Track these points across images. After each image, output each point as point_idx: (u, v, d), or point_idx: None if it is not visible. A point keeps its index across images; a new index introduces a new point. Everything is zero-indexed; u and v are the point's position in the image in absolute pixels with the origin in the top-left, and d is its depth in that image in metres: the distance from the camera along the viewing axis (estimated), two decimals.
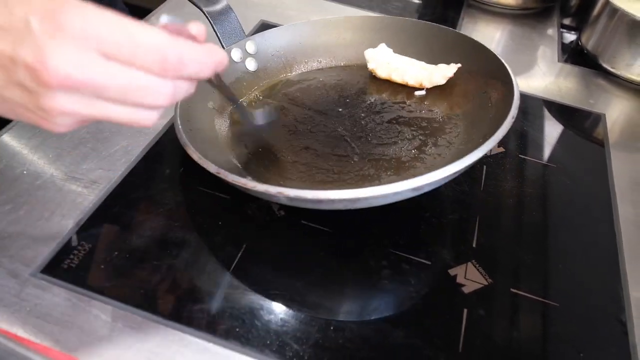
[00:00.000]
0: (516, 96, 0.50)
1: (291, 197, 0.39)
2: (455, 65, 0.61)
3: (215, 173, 0.42)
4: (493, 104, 0.55)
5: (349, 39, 0.66)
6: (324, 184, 0.49)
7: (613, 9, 0.74)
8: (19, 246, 0.44)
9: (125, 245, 0.45)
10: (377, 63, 0.62)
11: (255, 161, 0.53)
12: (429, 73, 0.60)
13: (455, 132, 0.56)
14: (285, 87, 0.63)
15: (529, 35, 0.86)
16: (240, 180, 0.41)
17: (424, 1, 0.93)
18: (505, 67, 0.55)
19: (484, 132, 0.51)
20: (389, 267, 0.46)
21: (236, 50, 0.60)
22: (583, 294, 0.47)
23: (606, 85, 0.76)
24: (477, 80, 0.59)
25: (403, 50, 0.64)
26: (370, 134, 0.56)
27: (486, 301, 0.45)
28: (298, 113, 0.59)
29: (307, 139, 0.55)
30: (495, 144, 0.44)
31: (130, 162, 0.53)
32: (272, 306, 0.42)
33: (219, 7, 0.58)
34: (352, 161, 0.52)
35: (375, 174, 0.51)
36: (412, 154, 0.53)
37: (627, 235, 0.53)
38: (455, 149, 0.53)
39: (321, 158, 0.53)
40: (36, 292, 0.41)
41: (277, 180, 0.50)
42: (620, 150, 0.64)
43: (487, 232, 0.51)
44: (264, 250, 0.47)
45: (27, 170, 0.50)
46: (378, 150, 0.54)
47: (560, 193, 0.57)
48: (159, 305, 0.41)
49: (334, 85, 0.63)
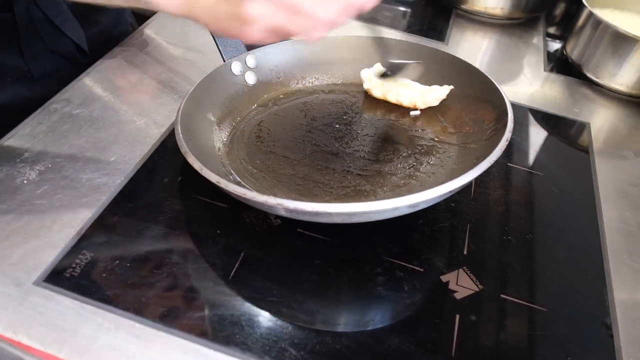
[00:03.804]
0: (510, 119, 0.52)
1: (290, 208, 0.41)
2: (447, 87, 0.62)
3: (215, 183, 0.43)
4: (486, 126, 0.56)
5: (346, 57, 0.68)
6: (321, 198, 0.51)
7: (597, 20, 0.77)
8: (22, 255, 0.45)
9: (126, 254, 0.46)
10: (372, 83, 0.64)
11: (253, 173, 0.54)
12: (422, 94, 0.62)
13: (448, 152, 0.58)
14: (282, 102, 0.65)
15: (516, 44, 0.89)
16: (240, 191, 0.42)
17: (413, 11, 0.95)
18: (500, 91, 0.57)
19: (477, 153, 0.53)
20: (384, 275, 0.48)
21: (236, 63, 0.61)
22: (570, 299, 0.49)
23: (591, 95, 0.79)
24: (470, 103, 0.61)
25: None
26: (367, 151, 0.57)
27: (477, 307, 0.47)
28: (295, 128, 0.61)
29: (305, 154, 0.57)
30: (489, 165, 0.46)
31: (129, 171, 0.53)
32: (271, 313, 0.44)
33: None
34: (349, 177, 0.54)
35: (371, 190, 0.52)
36: (407, 171, 0.55)
37: (612, 241, 0.55)
38: (449, 169, 0.55)
39: (318, 172, 0.54)
40: (40, 300, 0.42)
41: (275, 193, 0.51)
42: (604, 158, 0.67)
43: (477, 240, 0.53)
44: (262, 258, 0.48)
45: (27, 180, 0.51)
46: (374, 167, 0.55)
47: (547, 200, 0.59)
48: (160, 313, 0.42)
49: (331, 102, 0.65)
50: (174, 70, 0.68)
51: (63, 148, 0.55)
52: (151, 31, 0.75)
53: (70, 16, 0.68)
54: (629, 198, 0.61)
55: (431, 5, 0.97)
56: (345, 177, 0.54)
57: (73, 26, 0.68)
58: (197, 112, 0.55)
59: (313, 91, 0.67)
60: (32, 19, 0.65)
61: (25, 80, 0.68)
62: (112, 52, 0.69)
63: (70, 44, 0.69)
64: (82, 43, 0.70)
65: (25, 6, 0.64)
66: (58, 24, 0.66)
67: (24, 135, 0.55)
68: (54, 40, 0.68)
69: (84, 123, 0.58)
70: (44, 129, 0.56)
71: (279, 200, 0.41)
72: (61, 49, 0.69)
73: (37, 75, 0.68)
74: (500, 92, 0.57)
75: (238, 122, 0.60)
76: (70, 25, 0.68)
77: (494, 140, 0.50)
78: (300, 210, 0.41)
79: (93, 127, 0.57)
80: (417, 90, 0.63)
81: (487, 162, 0.45)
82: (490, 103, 0.57)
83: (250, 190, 0.42)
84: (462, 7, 0.93)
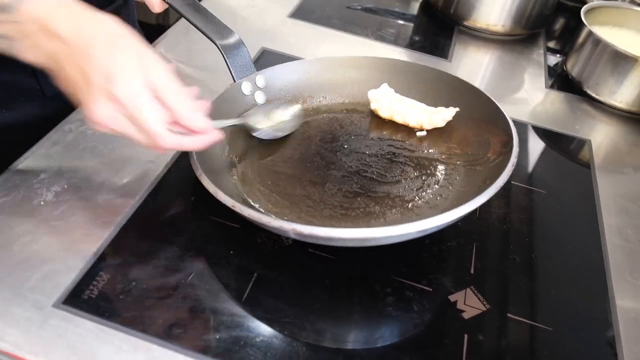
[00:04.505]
0: (515, 144, 0.53)
1: (305, 234, 0.42)
2: (453, 109, 0.63)
3: (231, 207, 0.45)
4: (492, 149, 0.58)
5: (354, 77, 0.69)
6: (331, 220, 0.52)
7: (596, 39, 0.79)
8: (41, 277, 0.46)
9: (143, 275, 0.47)
10: (379, 104, 0.65)
11: (265, 194, 0.55)
12: (428, 115, 0.63)
13: (455, 174, 0.59)
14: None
15: (517, 60, 0.90)
16: (255, 215, 0.44)
17: (416, 27, 0.96)
18: (505, 115, 0.58)
19: (483, 176, 0.54)
20: (393, 294, 0.49)
21: (247, 83, 0.63)
22: (574, 317, 0.50)
23: (591, 111, 0.81)
24: (476, 125, 0.62)
25: (405, 91, 0.67)
26: (375, 172, 0.58)
27: (485, 326, 0.48)
28: (305, 148, 0.62)
29: (314, 174, 0.58)
30: (496, 190, 0.47)
31: (143, 192, 0.55)
32: (284, 334, 0.45)
33: (232, 40, 0.60)
34: (359, 198, 0.55)
35: (380, 212, 0.53)
36: (415, 193, 0.56)
37: (614, 259, 0.57)
38: (456, 191, 0.56)
39: (328, 194, 0.55)
40: (60, 323, 0.43)
41: (286, 214, 0.52)
42: (605, 175, 0.68)
43: (483, 259, 0.54)
44: (274, 278, 0.49)
45: (44, 201, 0.52)
46: (383, 188, 0.56)
47: (550, 218, 0.61)
48: (177, 335, 0.44)
49: (339, 122, 0.66)
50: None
51: (78, 168, 0.56)
52: (160, 50, 0.77)
53: None
54: (629, 215, 0.63)
55: (434, 22, 0.98)
56: (355, 199, 0.55)
57: None
58: None
59: (321, 110, 0.68)
60: None
61: (38, 99, 0.69)
62: None
63: None
64: None
65: None
66: None
67: (39, 155, 0.57)
68: None
69: (98, 143, 0.59)
70: (59, 150, 0.57)
71: (293, 225, 0.42)
72: None
73: (50, 94, 0.69)
74: (506, 116, 0.58)
75: (248, 143, 0.61)
76: None
77: (500, 164, 0.52)
78: (314, 235, 0.42)
79: (107, 148, 0.58)
80: (424, 111, 0.64)
81: (494, 187, 0.47)
82: (496, 126, 0.59)
83: (265, 215, 0.43)
84: (465, 24, 0.95)
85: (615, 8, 0.88)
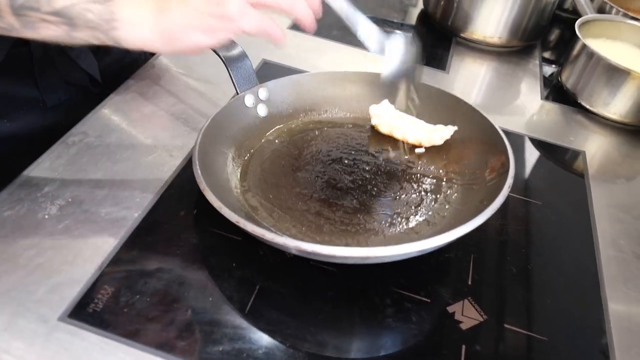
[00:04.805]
0: (512, 166, 0.54)
1: (308, 251, 0.43)
2: (452, 127, 0.65)
3: (235, 222, 0.46)
4: (488, 169, 0.59)
5: (355, 92, 0.70)
6: (331, 236, 0.53)
7: (590, 52, 0.80)
8: (46, 291, 0.47)
9: (146, 289, 0.48)
10: (380, 119, 0.66)
11: (267, 208, 0.56)
12: (427, 133, 0.65)
13: (453, 192, 0.60)
14: (293, 135, 0.67)
15: (513, 72, 0.92)
16: (259, 231, 0.45)
17: (413, 38, 0.98)
18: (502, 137, 0.59)
19: (480, 196, 0.55)
20: (393, 306, 0.50)
21: (249, 96, 0.64)
22: (568, 327, 0.51)
23: (585, 122, 0.82)
24: (474, 144, 0.63)
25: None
26: (375, 189, 0.60)
27: (482, 337, 0.49)
28: (306, 161, 0.63)
29: (315, 188, 0.59)
30: (493, 212, 0.48)
31: (146, 205, 0.55)
32: (287, 345, 0.46)
33: (235, 52, 0.61)
34: (358, 214, 0.56)
35: (380, 229, 0.55)
36: (413, 210, 0.57)
37: (608, 269, 0.58)
38: (454, 209, 0.57)
39: (328, 209, 0.56)
40: (65, 336, 0.44)
41: (288, 229, 0.53)
42: (599, 186, 0.69)
43: (481, 270, 0.55)
44: (277, 290, 0.50)
45: (48, 214, 0.53)
46: (382, 204, 0.57)
47: (545, 229, 0.62)
48: (181, 347, 0.44)
49: (340, 136, 0.67)
50: (185, 102, 0.70)
51: (82, 182, 0.57)
52: (163, 62, 0.78)
53: (85, 48, 0.70)
54: (623, 225, 0.64)
55: (432, 33, 1.00)
56: (354, 215, 0.56)
57: (87, 58, 0.70)
58: (213, 145, 0.57)
59: (322, 124, 0.69)
60: (47, 52, 0.67)
61: (39, 109, 0.70)
62: (126, 84, 0.71)
63: (84, 74, 0.71)
64: (95, 74, 0.72)
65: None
66: (73, 57, 0.69)
67: (43, 169, 0.57)
68: (68, 71, 0.70)
69: (102, 156, 0.60)
70: (63, 163, 0.58)
71: (296, 242, 0.43)
72: (75, 80, 0.71)
73: (51, 104, 0.70)
74: (503, 138, 0.59)
75: (250, 154, 0.62)
76: (84, 57, 0.70)
77: (497, 185, 0.53)
78: (317, 253, 0.43)
79: (110, 160, 0.59)
80: (423, 129, 0.65)
81: (491, 209, 0.48)
82: (493, 147, 0.60)
83: (269, 232, 0.44)
84: (462, 36, 0.96)
85: (609, 21, 0.90)
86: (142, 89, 0.71)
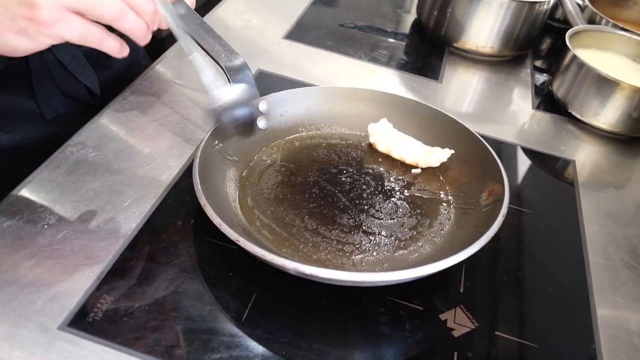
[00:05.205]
0: (506, 195, 0.55)
1: (306, 273, 0.45)
2: (449, 151, 0.65)
3: (235, 241, 0.47)
4: (483, 195, 0.59)
5: (354, 108, 0.71)
6: (327, 254, 0.54)
7: (580, 62, 0.82)
8: (46, 300, 0.47)
9: (145, 298, 0.49)
10: (378, 138, 0.67)
11: (265, 224, 0.57)
12: (424, 154, 0.65)
13: (447, 215, 0.60)
14: (291, 149, 0.67)
15: (505, 81, 0.93)
16: (259, 252, 0.46)
17: (408, 48, 0.99)
18: (498, 164, 0.59)
19: (474, 222, 0.56)
20: (386, 314, 0.51)
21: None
22: (557, 335, 0.53)
23: (576, 132, 0.84)
24: (469, 168, 0.63)
25: (403, 126, 0.69)
26: (371, 208, 0.60)
27: (473, 344, 0.50)
28: (303, 177, 0.63)
29: (313, 206, 0.59)
30: (487, 241, 0.49)
31: (144, 215, 0.56)
32: (283, 353, 0.47)
33: (237, 63, 0.62)
34: (353, 234, 0.57)
35: (375, 250, 0.55)
36: (408, 233, 0.57)
37: (596, 277, 0.59)
38: (448, 233, 0.58)
39: (325, 227, 0.57)
40: (65, 345, 0.44)
41: (285, 246, 0.54)
42: (589, 195, 0.71)
43: (472, 278, 0.56)
44: (273, 299, 0.51)
45: (47, 224, 0.53)
46: (377, 225, 0.58)
47: (536, 238, 0.63)
48: (179, 355, 0.45)
49: (337, 152, 0.67)
50: (182, 112, 0.71)
51: (80, 192, 0.57)
52: (160, 72, 0.78)
53: (84, 61, 0.71)
54: (612, 234, 0.66)
55: (425, 43, 1.01)
56: (350, 234, 0.56)
57: (85, 71, 0.71)
58: (212, 158, 0.58)
59: (321, 140, 0.69)
60: (45, 64, 0.68)
61: (37, 122, 0.70)
62: (123, 94, 0.72)
63: (83, 88, 0.72)
64: (94, 87, 0.73)
65: (39, 52, 0.67)
66: (71, 70, 0.69)
67: (42, 179, 0.58)
68: (66, 83, 0.71)
69: (99, 167, 0.60)
70: (62, 173, 0.59)
71: (294, 264, 0.45)
72: (73, 92, 0.72)
73: (49, 117, 0.70)
74: (499, 165, 0.59)
75: (249, 168, 0.63)
76: (83, 70, 0.71)
77: (491, 213, 0.54)
78: (315, 275, 0.45)
79: (108, 171, 0.60)
80: (420, 150, 0.66)
81: (485, 238, 0.49)
82: (489, 173, 0.60)
83: (268, 252, 0.46)
84: (455, 45, 0.98)
85: (599, 32, 0.92)
86: (138, 99, 0.72)
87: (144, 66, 0.81)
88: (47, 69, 0.68)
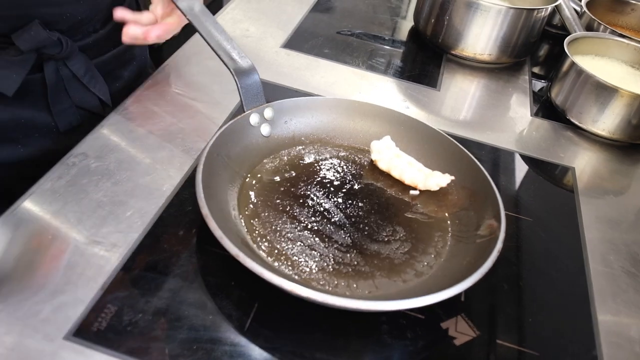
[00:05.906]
0: (502, 230, 0.55)
1: (302, 296, 0.46)
2: (449, 177, 0.64)
3: (234, 256, 0.47)
4: (480, 226, 0.59)
5: (358, 122, 0.70)
6: (324, 273, 0.54)
7: (579, 69, 0.82)
8: (51, 310, 0.48)
9: (148, 307, 0.49)
10: (380, 156, 0.67)
11: (263, 236, 0.57)
12: (424, 177, 0.65)
13: (442, 242, 0.59)
14: (292, 160, 0.67)
15: (503, 88, 0.94)
16: (257, 270, 0.47)
17: (405, 56, 1.00)
18: (497, 197, 0.59)
19: (469, 254, 0.55)
20: (388, 323, 0.51)
21: (255, 114, 0.64)
22: (559, 343, 0.53)
23: (575, 138, 0.84)
24: (468, 196, 0.63)
25: (405, 145, 0.69)
26: (367, 227, 0.60)
27: (475, 353, 0.50)
28: (303, 189, 0.63)
29: (311, 220, 0.59)
30: (480, 277, 0.50)
31: (146, 225, 0.57)
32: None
33: (245, 66, 0.62)
34: (349, 254, 0.56)
35: (369, 272, 0.55)
36: (403, 258, 0.57)
37: (597, 285, 0.60)
38: (442, 262, 0.57)
39: (322, 244, 0.57)
40: (71, 355, 0.45)
41: (282, 263, 0.54)
42: (588, 202, 0.71)
43: (473, 286, 0.56)
44: (275, 308, 0.51)
45: (51, 235, 0.54)
46: (373, 246, 0.58)
47: (536, 246, 0.63)
48: None
49: (338, 167, 0.67)
50: (183, 121, 0.71)
51: (83, 202, 0.58)
52: (160, 82, 0.79)
53: (97, 73, 0.73)
54: (611, 241, 0.66)
55: (423, 50, 1.02)
56: (346, 254, 0.56)
57: (98, 83, 0.73)
58: (214, 167, 0.58)
59: (322, 152, 0.69)
60: (60, 78, 0.70)
61: (52, 134, 0.72)
62: (124, 104, 0.72)
63: (96, 99, 0.74)
64: (106, 98, 0.74)
65: (55, 67, 0.68)
66: (85, 82, 0.71)
67: (45, 190, 0.59)
68: (80, 96, 0.72)
69: (102, 177, 0.61)
70: (64, 184, 0.59)
71: (292, 286, 0.46)
72: (86, 104, 0.74)
73: (64, 129, 0.72)
74: (498, 199, 0.58)
75: (250, 176, 0.63)
76: (96, 83, 0.73)
77: (486, 246, 0.54)
78: (311, 299, 0.46)
79: (110, 181, 0.61)
80: (420, 172, 0.65)
81: (478, 273, 0.49)
82: (487, 204, 0.59)
83: (266, 271, 0.46)
84: (453, 53, 0.98)
85: (597, 38, 0.93)
86: (139, 108, 0.72)
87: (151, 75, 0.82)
88: (62, 83, 0.70)
